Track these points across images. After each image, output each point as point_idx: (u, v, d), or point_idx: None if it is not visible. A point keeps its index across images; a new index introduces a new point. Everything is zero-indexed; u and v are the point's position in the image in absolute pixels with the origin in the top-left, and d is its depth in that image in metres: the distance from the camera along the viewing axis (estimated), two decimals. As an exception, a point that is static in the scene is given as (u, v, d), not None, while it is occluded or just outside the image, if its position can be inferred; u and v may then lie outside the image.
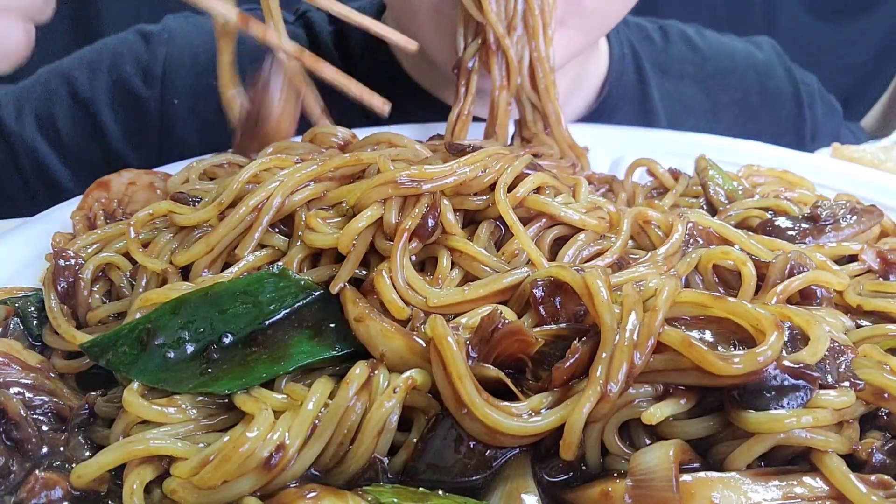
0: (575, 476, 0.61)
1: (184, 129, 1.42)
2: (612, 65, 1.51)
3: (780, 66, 1.72)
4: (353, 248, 0.70)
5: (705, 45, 1.67)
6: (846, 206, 0.90)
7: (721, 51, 1.68)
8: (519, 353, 0.61)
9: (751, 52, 1.71)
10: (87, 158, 1.42)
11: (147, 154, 1.39)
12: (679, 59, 1.63)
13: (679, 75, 1.61)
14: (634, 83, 1.54)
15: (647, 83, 1.55)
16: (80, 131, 1.42)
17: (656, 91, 1.56)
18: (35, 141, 1.41)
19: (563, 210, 0.76)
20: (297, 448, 0.58)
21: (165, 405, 0.62)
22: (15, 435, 0.65)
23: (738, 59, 1.68)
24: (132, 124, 1.43)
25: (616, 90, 1.50)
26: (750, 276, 0.74)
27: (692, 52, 1.65)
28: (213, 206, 0.75)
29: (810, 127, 1.68)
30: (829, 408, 0.57)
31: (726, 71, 1.65)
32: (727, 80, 1.65)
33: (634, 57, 1.56)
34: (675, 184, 1.03)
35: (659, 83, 1.57)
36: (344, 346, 0.66)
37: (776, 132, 1.58)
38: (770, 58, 1.72)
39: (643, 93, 1.54)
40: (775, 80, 1.69)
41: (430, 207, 0.71)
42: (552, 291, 0.66)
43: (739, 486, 0.55)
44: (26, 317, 0.80)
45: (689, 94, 1.61)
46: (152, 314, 0.68)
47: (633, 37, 1.60)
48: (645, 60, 1.57)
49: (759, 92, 1.66)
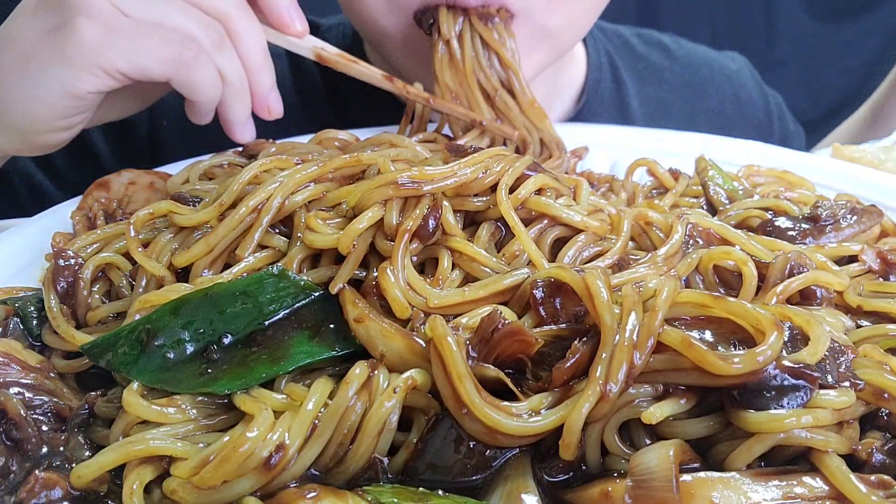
0: (575, 476, 0.61)
1: (173, 148, 1.45)
2: (590, 73, 1.55)
3: (750, 78, 1.77)
4: (353, 249, 0.71)
5: (682, 54, 1.72)
6: (846, 206, 0.90)
7: (697, 59, 1.73)
8: (519, 353, 0.61)
9: (724, 62, 1.76)
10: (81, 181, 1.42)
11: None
12: (657, 67, 1.67)
13: (657, 82, 1.65)
14: (612, 90, 1.57)
15: (625, 90, 1.59)
16: (71, 155, 1.43)
17: (634, 98, 1.59)
18: (27, 166, 1.44)
19: (564, 211, 0.76)
20: (297, 448, 0.58)
21: (165, 405, 0.62)
22: (15, 435, 0.64)
23: (714, 67, 1.72)
24: (123, 145, 1.48)
25: (594, 98, 1.54)
26: (751, 277, 0.74)
27: (669, 60, 1.69)
28: (213, 208, 0.75)
29: (778, 139, 1.72)
30: (829, 408, 0.57)
31: (704, 79, 1.70)
32: (705, 88, 1.69)
33: (611, 65, 1.60)
34: (676, 184, 1.03)
35: (637, 90, 1.60)
36: (344, 346, 0.66)
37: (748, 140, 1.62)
38: (742, 69, 1.77)
39: (621, 100, 1.58)
40: (747, 90, 1.74)
41: (432, 208, 0.71)
42: (552, 292, 0.66)
43: (739, 486, 0.55)
44: (26, 317, 0.80)
45: (668, 101, 1.64)
46: (153, 315, 0.68)
47: (611, 45, 1.63)
48: (622, 68, 1.61)
49: (732, 101, 1.70)
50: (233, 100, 1.00)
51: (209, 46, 0.95)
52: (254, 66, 1.00)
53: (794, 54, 2.98)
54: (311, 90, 1.53)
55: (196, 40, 0.94)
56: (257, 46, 1.00)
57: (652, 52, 1.70)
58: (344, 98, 1.52)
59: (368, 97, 1.47)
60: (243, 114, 1.02)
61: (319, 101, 1.53)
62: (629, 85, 1.60)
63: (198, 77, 0.95)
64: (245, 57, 0.99)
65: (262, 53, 1.01)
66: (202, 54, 0.94)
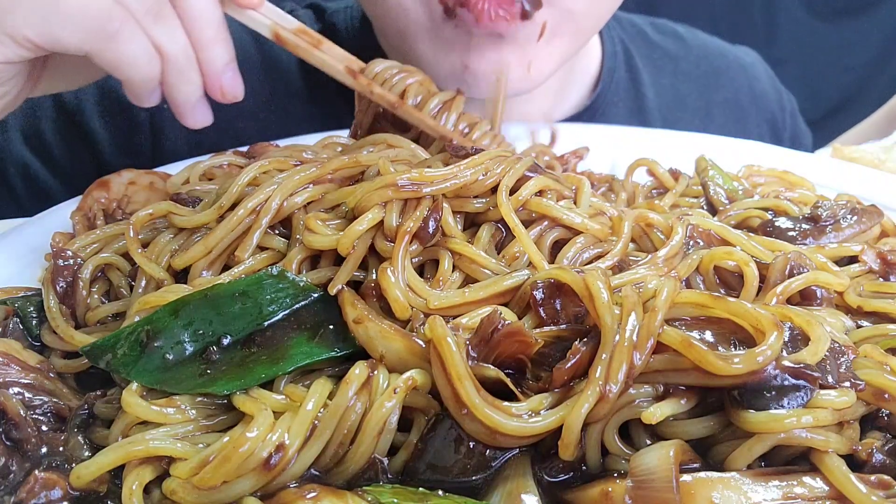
0: (575, 476, 0.61)
1: (173, 131, 1.39)
2: (605, 62, 1.52)
3: (764, 72, 1.76)
4: (352, 251, 0.70)
5: (697, 44, 1.69)
6: (846, 206, 0.90)
7: (713, 50, 1.71)
8: (518, 353, 0.61)
9: (739, 54, 1.74)
10: (79, 169, 1.38)
11: (141, 160, 1.35)
12: (672, 56, 1.64)
13: (672, 72, 1.63)
14: (627, 80, 1.54)
15: (640, 80, 1.56)
16: (69, 142, 1.39)
17: (649, 88, 1.57)
18: (23, 153, 1.37)
19: (565, 213, 0.75)
20: (297, 448, 0.58)
21: (164, 406, 0.62)
22: (14, 435, 0.64)
23: (729, 58, 1.71)
24: (122, 131, 1.40)
25: (609, 87, 1.50)
26: (753, 277, 0.74)
27: (685, 50, 1.67)
28: (212, 210, 0.75)
29: (789, 136, 1.72)
30: (829, 408, 0.57)
31: (719, 69, 1.68)
32: (719, 79, 1.67)
33: (626, 54, 1.56)
34: (676, 184, 1.03)
35: (652, 80, 1.58)
36: (343, 347, 0.66)
37: (761, 132, 1.65)
38: (755, 63, 1.76)
39: (636, 90, 1.55)
40: (761, 83, 1.72)
41: (432, 210, 0.70)
42: (552, 293, 0.66)
43: (739, 486, 0.55)
44: (26, 317, 0.80)
45: (683, 91, 1.62)
46: (152, 316, 0.68)
47: (625, 34, 1.60)
48: (637, 58, 1.58)
49: (747, 92, 1.69)
50: (175, 79, 0.86)
51: (142, 16, 0.82)
52: (202, 39, 0.86)
53: (795, 53, 2.98)
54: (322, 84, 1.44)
55: (126, 7, 0.80)
56: (207, 16, 0.86)
57: (666, 40, 1.66)
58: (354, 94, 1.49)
59: None
60: (192, 95, 0.88)
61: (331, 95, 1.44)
62: (644, 74, 1.57)
63: (125, 52, 0.82)
64: (191, 29, 0.85)
65: (213, 25, 0.87)
66: (130, 25, 0.81)
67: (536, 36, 1.14)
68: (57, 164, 1.40)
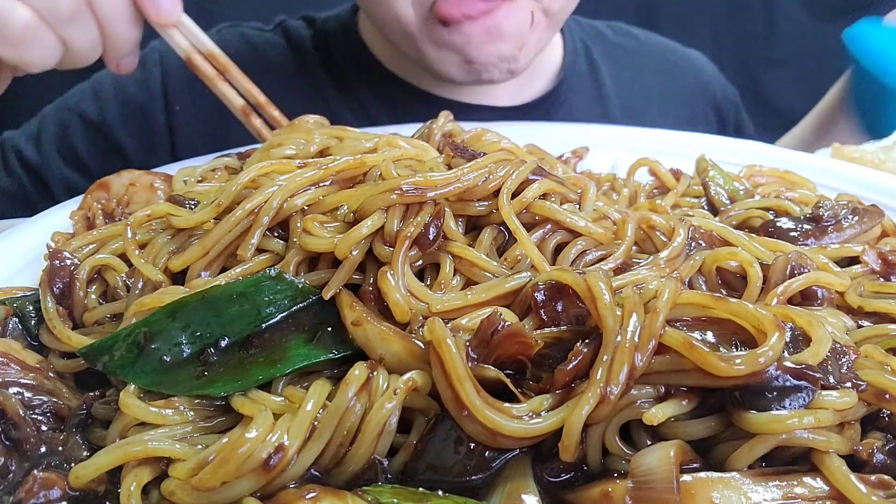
0: (576, 476, 0.60)
1: (187, 132, 1.55)
2: (567, 55, 1.71)
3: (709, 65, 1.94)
4: (350, 255, 0.69)
5: (651, 42, 1.89)
6: (847, 206, 0.90)
7: (666, 48, 1.91)
8: (519, 354, 0.61)
9: (688, 52, 1.94)
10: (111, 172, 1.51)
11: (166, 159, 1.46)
12: (629, 52, 1.83)
13: (630, 66, 1.80)
14: (587, 71, 1.73)
15: (599, 71, 1.74)
16: (100, 152, 1.54)
17: (608, 78, 1.74)
18: (63, 170, 1.53)
19: (569, 217, 0.75)
20: (297, 449, 0.58)
21: (162, 407, 0.62)
22: (14, 435, 0.64)
23: (679, 55, 1.91)
24: (146, 136, 1.56)
25: (571, 76, 1.68)
26: (756, 278, 0.74)
27: (640, 47, 1.86)
28: (210, 209, 0.75)
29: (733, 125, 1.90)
30: (830, 408, 0.56)
31: (670, 63, 1.87)
32: (671, 71, 1.86)
33: (586, 50, 1.76)
34: (677, 184, 1.03)
35: (610, 71, 1.76)
36: (341, 349, 0.66)
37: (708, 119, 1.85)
38: (700, 58, 1.95)
39: (595, 80, 1.73)
40: (707, 74, 1.92)
41: (434, 216, 0.69)
42: (553, 295, 0.66)
43: (740, 487, 0.55)
44: (25, 317, 0.79)
45: (639, 81, 1.79)
46: (150, 317, 0.68)
47: (585, 34, 1.79)
48: (596, 53, 1.76)
49: (696, 83, 1.88)
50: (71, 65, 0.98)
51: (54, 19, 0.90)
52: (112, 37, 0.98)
53: (794, 54, 2.98)
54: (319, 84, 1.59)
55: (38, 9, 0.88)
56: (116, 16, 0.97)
57: (623, 39, 1.86)
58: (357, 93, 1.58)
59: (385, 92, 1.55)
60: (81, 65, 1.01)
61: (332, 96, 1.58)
62: (602, 66, 1.75)
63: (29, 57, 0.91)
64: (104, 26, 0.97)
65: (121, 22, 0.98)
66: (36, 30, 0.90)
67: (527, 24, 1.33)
68: (93, 174, 1.50)
